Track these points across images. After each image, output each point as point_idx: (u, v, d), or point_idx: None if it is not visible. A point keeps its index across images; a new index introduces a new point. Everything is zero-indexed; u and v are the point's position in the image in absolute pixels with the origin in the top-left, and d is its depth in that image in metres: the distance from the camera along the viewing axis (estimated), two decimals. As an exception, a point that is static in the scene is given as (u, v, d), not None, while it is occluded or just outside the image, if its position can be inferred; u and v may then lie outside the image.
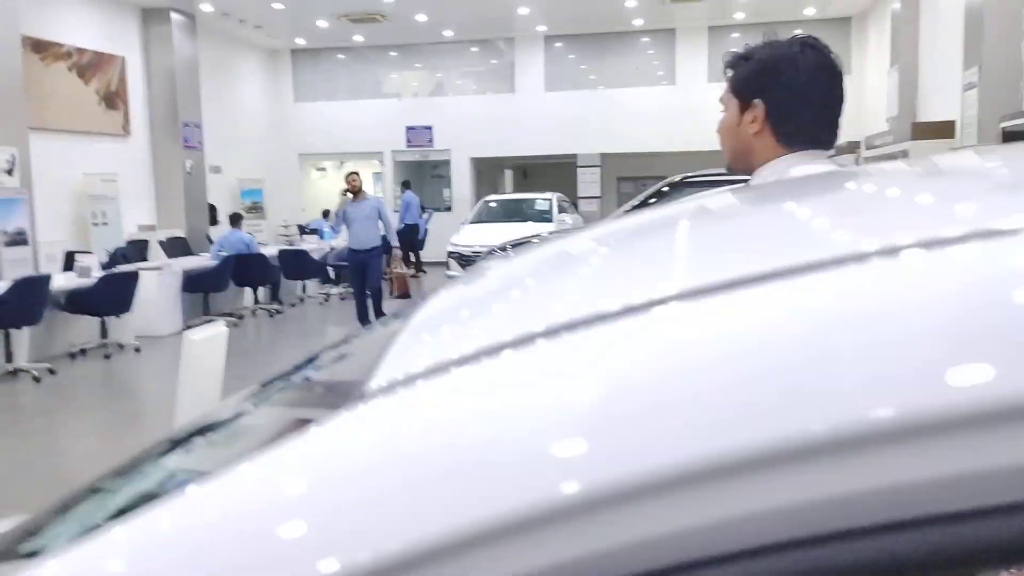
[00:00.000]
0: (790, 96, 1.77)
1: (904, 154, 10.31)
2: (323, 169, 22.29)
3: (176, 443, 1.02)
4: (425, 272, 16.97)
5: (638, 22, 17.11)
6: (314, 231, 15.61)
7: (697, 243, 0.88)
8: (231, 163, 17.37)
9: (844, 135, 10.33)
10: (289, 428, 0.75)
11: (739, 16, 16.79)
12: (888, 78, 13.22)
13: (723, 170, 7.12)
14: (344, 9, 15.26)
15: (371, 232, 9.04)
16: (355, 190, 8.96)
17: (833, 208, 0.92)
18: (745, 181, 1.88)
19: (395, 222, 17.03)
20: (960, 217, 0.66)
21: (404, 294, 9.70)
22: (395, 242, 9.55)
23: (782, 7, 16.07)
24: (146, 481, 0.93)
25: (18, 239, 11.13)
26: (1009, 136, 7.60)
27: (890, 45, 13.26)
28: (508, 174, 24.26)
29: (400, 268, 10.01)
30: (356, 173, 9.19)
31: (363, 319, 9.20)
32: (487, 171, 21.35)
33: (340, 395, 0.68)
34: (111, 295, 8.92)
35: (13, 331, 8.01)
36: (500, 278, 1.11)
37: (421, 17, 16.08)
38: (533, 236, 10.18)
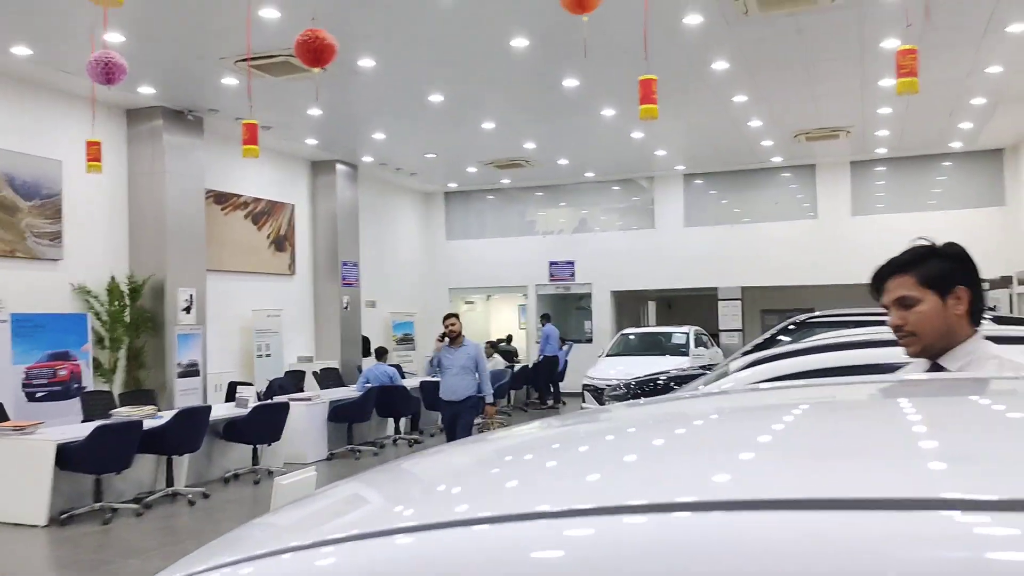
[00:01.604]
0: (979, 283, 2.18)
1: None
2: (471, 302, 23.29)
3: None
4: (564, 403, 17.22)
5: (776, 159, 17.31)
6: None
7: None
8: (385, 298, 18.54)
9: (997, 269, 10.41)
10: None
11: (881, 151, 16.69)
12: (1041, 211, 12.73)
13: (851, 311, 7.13)
14: (490, 157, 16.34)
15: (465, 381, 8.46)
16: (452, 335, 8.41)
17: None
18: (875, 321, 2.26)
19: (535, 353, 17.60)
20: None
21: None
22: (490, 396, 8.77)
23: (926, 141, 15.87)
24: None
25: (190, 371, 12.33)
26: None
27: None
28: (651, 306, 24.46)
29: (494, 427, 8.64)
30: (455, 316, 8.58)
31: None
32: (629, 303, 21.67)
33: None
34: (263, 425, 9.70)
35: (175, 456, 8.83)
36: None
37: (563, 161, 16.96)
38: (660, 373, 10.30)
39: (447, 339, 8.46)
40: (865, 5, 8.91)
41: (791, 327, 8.51)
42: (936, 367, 2.14)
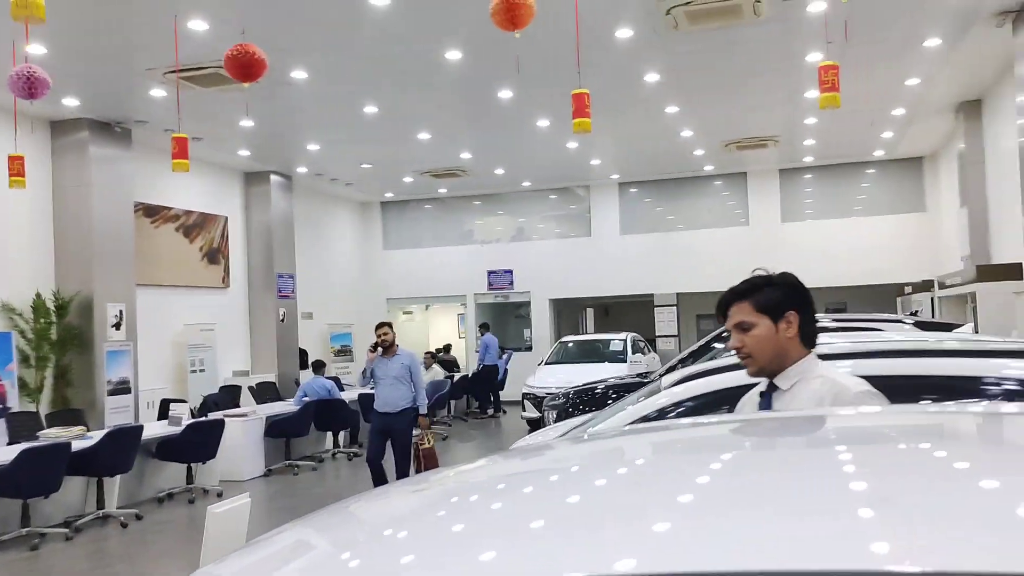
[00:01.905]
0: (809, 308, 2.41)
1: (972, 296, 10.28)
2: (410, 312, 23.19)
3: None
4: (505, 412, 17.25)
5: (708, 167, 17.66)
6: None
7: None
8: (322, 309, 18.35)
9: (919, 273, 10.78)
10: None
11: (808, 159, 17.15)
12: (958, 218, 13.23)
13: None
14: (426, 167, 16.32)
15: (400, 392, 8.11)
16: (385, 344, 8.11)
17: None
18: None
19: (474, 363, 17.61)
20: None
21: (431, 468, 7.83)
22: (424, 407, 8.38)
23: (850, 150, 16.37)
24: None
25: (121, 388, 12.04)
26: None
27: (959, 185, 13.33)
28: (589, 312, 24.69)
29: (428, 441, 8.34)
30: (388, 324, 8.28)
31: None
32: (567, 311, 21.84)
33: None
34: (197, 443, 9.52)
35: (106, 478, 8.61)
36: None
37: (499, 171, 17.03)
38: (599, 382, 10.40)
39: (379, 349, 8.17)
40: (790, 21, 9.18)
41: (726, 333, 8.67)
42: (772, 385, 2.39)
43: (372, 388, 8.69)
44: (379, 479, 8.28)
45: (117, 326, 12.13)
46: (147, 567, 6.97)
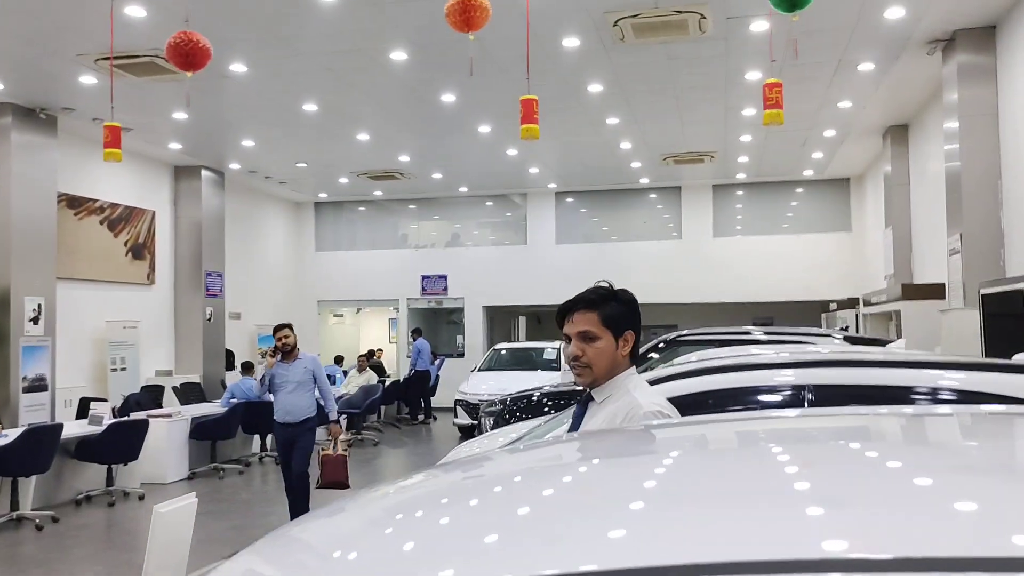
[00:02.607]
0: (640, 328, 2.50)
1: (897, 314, 10.60)
2: (340, 315, 22.89)
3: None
4: (435, 419, 17.12)
5: (644, 180, 17.87)
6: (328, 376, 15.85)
7: None
8: (251, 310, 17.94)
9: (844, 291, 10.99)
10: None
11: (741, 176, 17.51)
12: (884, 238, 13.65)
13: (716, 330, 7.40)
14: (363, 168, 16.12)
15: (302, 400, 7.42)
16: (286, 349, 7.42)
17: None
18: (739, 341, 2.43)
19: (405, 368, 17.43)
20: None
21: (336, 483, 7.43)
22: (333, 413, 7.81)
23: (781, 169, 16.77)
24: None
25: (37, 385, 11.57)
26: (988, 300, 7.88)
27: (884, 206, 13.76)
28: (522, 320, 24.72)
29: (337, 448, 7.59)
30: (288, 326, 7.54)
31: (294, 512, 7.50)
32: (500, 318, 21.83)
33: None
34: (119, 444, 9.18)
35: (21, 479, 8.23)
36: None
37: (437, 175, 16.92)
38: (534, 389, 10.39)
39: (279, 354, 7.43)
40: (732, 39, 9.35)
41: (660, 345, 8.75)
42: (589, 396, 2.47)
43: (268, 397, 7.93)
44: (303, 489, 7.60)
45: (35, 320, 11.63)
46: (64, 573, 6.66)
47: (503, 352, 16.27)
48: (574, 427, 2.46)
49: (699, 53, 9.80)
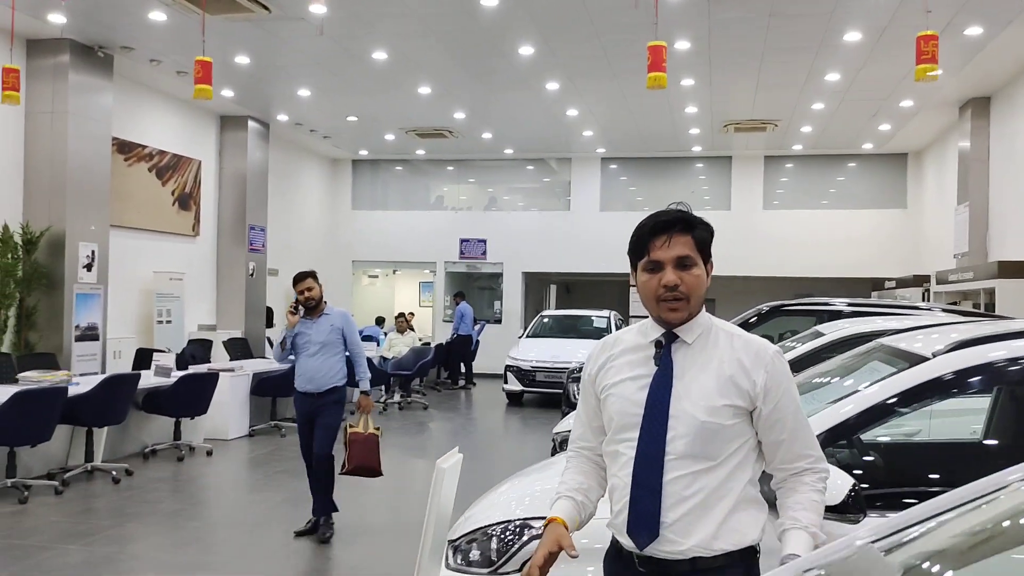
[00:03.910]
0: None
1: (981, 293, 10.23)
2: (375, 276, 22.52)
3: None
4: (475, 384, 16.80)
5: (697, 148, 17.42)
6: (368, 338, 15.54)
7: None
8: (287, 266, 17.52)
9: (897, 269, 10.66)
10: None
11: (797, 147, 17.06)
12: (956, 215, 13.25)
13: (814, 299, 7.06)
14: (414, 124, 15.65)
15: (327, 365, 6.05)
16: (310, 303, 6.06)
17: None
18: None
19: (448, 332, 17.07)
20: None
21: (365, 468, 6.05)
22: (365, 381, 6.25)
23: (841, 140, 16.32)
24: None
25: (89, 334, 11.21)
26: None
27: (957, 183, 13.34)
28: (552, 289, 24.37)
29: (367, 426, 6.09)
30: (311, 275, 6.11)
31: (317, 507, 6.12)
32: (534, 286, 21.46)
33: None
34: (189, 396, 8.83)
35: (95, 429, 7.89)
36: None
37: (487, 135, 16.46)
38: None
39: (301, 309, 6.09)
40: (843, -6, 8.88)
41: (762, 312, 8.37)
42: (671, 335, 2.09)
43: (287, 363, 6.64)
44: (316, 484, 6.14)
45: (88, 267, 11.24)
46: (161, 526, 6.33)
47: (549, 319, 15.91)
48: (666, 376, 2.06)
49: (803, 10, 9.33)
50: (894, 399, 2.64)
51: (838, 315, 7.94)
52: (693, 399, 2.02)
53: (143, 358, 10.85)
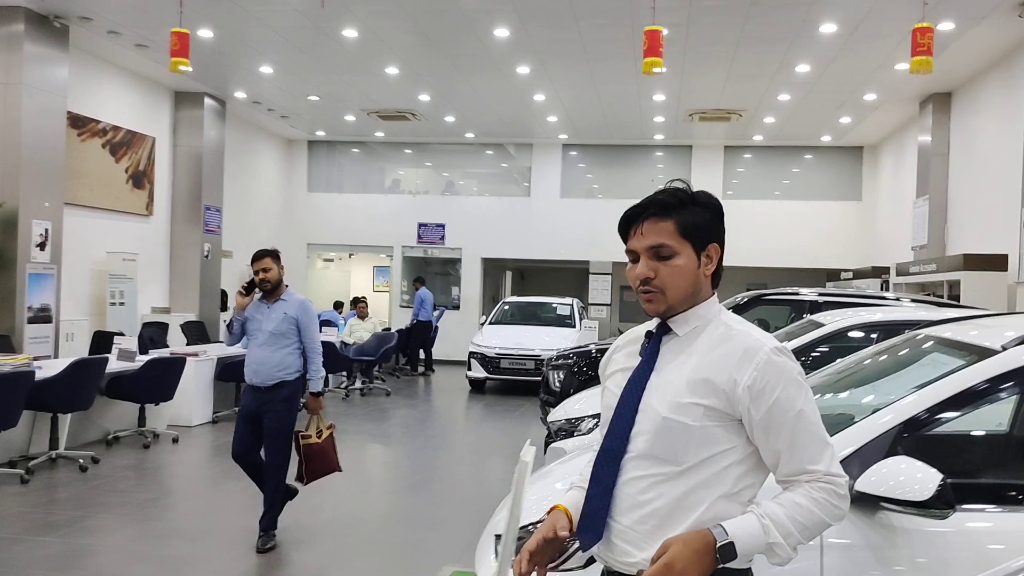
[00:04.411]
0: (724, 243, 1.92)
1: (953, 284, 10.43)
2: (330, 259, 22.15)
3: None
4: (434, 371, 16.63)
5: (659, 137, 17.46)
6: (327, 323, 15.23)
7: None
8: (241, 249, 17.08)
9: (851, 260, 10.87)
10: None
11: (758, 138, 17.21)
12: (915, 208, 13.51)
13: (792, 289, 7.04)
14: (377, 106, 15.35)
15: (276, 358, 5.34)
16: (266, 286, 5.41)
17: None
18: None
19: (407, 318, 16.83)
20: None
21: (325, 472, 5.67)
22: (318, 381, 5.52)
23: (801, 132, 16.52)
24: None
25: (41, 316, 10.77)
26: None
27: (916, 176, 13.59)
28: (508, 276, 24.28)
29: (317, 431, 5.60)
30: (270, 254, 5.47)
31: (265, 519, 5.46)
32: (490, 271, 21.34)
33: None
34: (155, 381, 8.51)
35: (59, 415, 7.55)
36: None
37: (450, 118, 16.24)
38: (587, 345, 10.00)
39: (255, 291, 5.47)
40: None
41: (740, 303, 8.39)
42: (665, 328, 1.90)
43: (238, 348, 5.83)
44: (254, 477, 5.60)
45: (42, 246, 10.76)
46: (137, 517, 6.06)
47: (510, 306, 15.80)
48: (645, 369, 1.89)
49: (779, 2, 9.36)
50: (972, 391, 2.60)
51: (813, 305, 8.02)
52: (660, 394, 1.83)
53: (102, 341, 10.45)
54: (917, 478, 2.36)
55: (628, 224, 1.92)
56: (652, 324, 1.96)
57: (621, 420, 1.87)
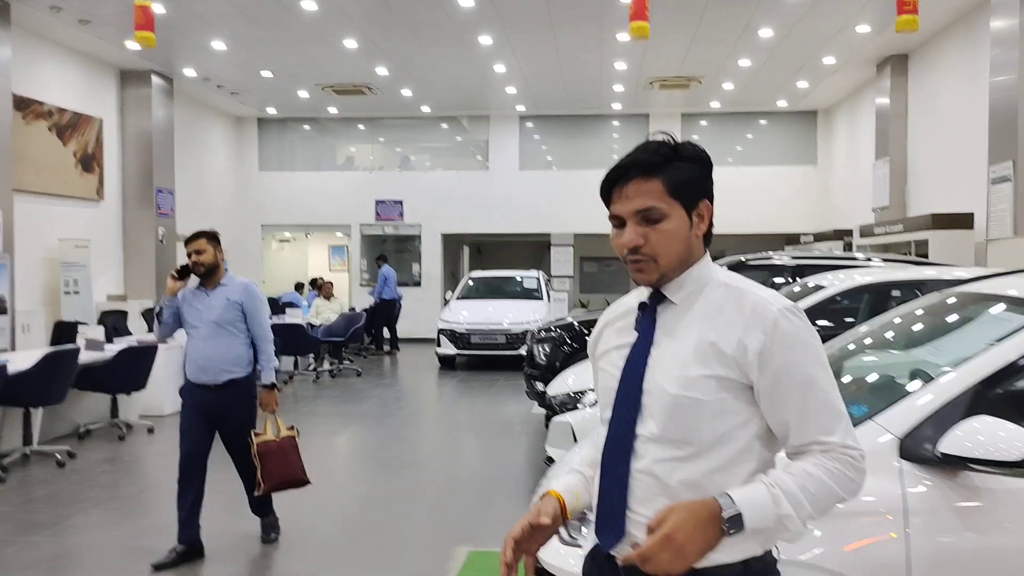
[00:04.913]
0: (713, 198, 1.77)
1: (921, 244, 10.58)
2: (286, 240, 21.71)
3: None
4: (399, 350, 16.43)
5: (616, 106, 17.39)
6: (290, 305, 14.93)
7: None
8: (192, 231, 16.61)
9: (808, 224, 11.04)
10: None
11: (715, 105, 17.25)
12: (874, 170, 13.68)
13: (764, 254, 7.04)
14: (333, 80, 14.98)
15: (223, 350, 4.80)
16: (200, 270, 4.85)
17: None
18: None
19: (371, 296, 16.57)
20: None
21: (287, 482, 4.98)
22: (270, 371, 4.96)
23: (758, 98, 16.59)
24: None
25: (-5, 308, 10.31)
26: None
27: (875, 138, 13.75)
28: (465, 251, 24.09)
29: (276, 429, 4.95)
30: (206, 235, 4.93)
31: (184, 536, 4.87)
32: (449, 247, 21.14)
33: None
34: (128, 371, 8.20)
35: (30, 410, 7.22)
36: None
37: (407, 92, 15.94)
38: (565, 318, 9.93)
39: (190, 276, 4.90)
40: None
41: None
42: (658, 294, 1.73)
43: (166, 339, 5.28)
44: (191, 484, 4.91)
45: (-8, 235, 10.29)
46: (130, 512, 5.83)
47: (475, 281, 15.65)
48: (643, 344, 1.71)
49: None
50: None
51: (796, 270, 8.05)
52: (666, 368, 1.66)
53: (63, 332, 10.02)
54: (1006, 437, 2.32)
55: (610, 187, 1.72)
56: (639, 294, 1.79)
57: (625, 403, 1.69)
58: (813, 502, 1.57)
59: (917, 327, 3.40)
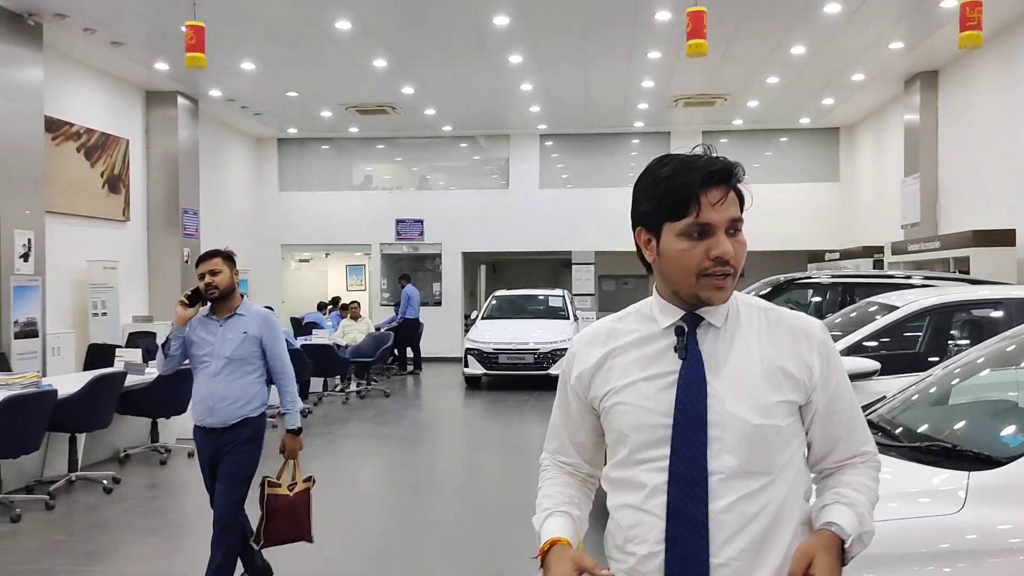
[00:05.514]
0: None
1: (961, 261, 10.47)
2: (305, 260, 21.66)
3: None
4: (422, 369, 16.32)
5: (638, 124, 17.35)
6: (314, 325, 14.83)
7: None
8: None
9: (843, 240, 10.84)
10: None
11: (737, 122, 17.20)
12: (904, 186, 13.60)
13: (806, 273, 7.05)
14: (357, 100, 14.95)
15: (237, 389, 4.25)
16: (215, 293, 4.28)
17: None
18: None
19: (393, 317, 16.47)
20: None
21: (291, 539, 4.45)
22: (295, 415, 4.40)
23: (782, 115, 16.54)
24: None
25: (28, 330, 10.26)
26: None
27: (904, 155, 13.67)
28: (482, 270, 24.03)
29: (294, 479, 4.41)
30: (221, 255, 4.36)
31: (249, 569, 4.67)
32: (469, 266, 21.08)
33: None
34: (168, 394, 8.09)
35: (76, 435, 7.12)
36: None
37: (430, 111, 15.91)
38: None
39: (201, 302, 4.33)
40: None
41: (778, 284, 8.30)
42: (694, 317, 1.64)
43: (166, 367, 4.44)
44: (233, 532, 4.29)
45: (25, 257, 10.22)
46: (181, 539, 5.71)
47: (499, 301, 15.54)
48: (697, 372, 1.59)
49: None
50: None
51: (846, 288, 7.98)
52: (736, 398, 1.57)
53: (98, 355, 9.96)
54: None
55: (702, 189, 1.59)
56: (649, 320, 1.67)
57: (690, 437, 1.57)
58: (871, 513, 1.63)
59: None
